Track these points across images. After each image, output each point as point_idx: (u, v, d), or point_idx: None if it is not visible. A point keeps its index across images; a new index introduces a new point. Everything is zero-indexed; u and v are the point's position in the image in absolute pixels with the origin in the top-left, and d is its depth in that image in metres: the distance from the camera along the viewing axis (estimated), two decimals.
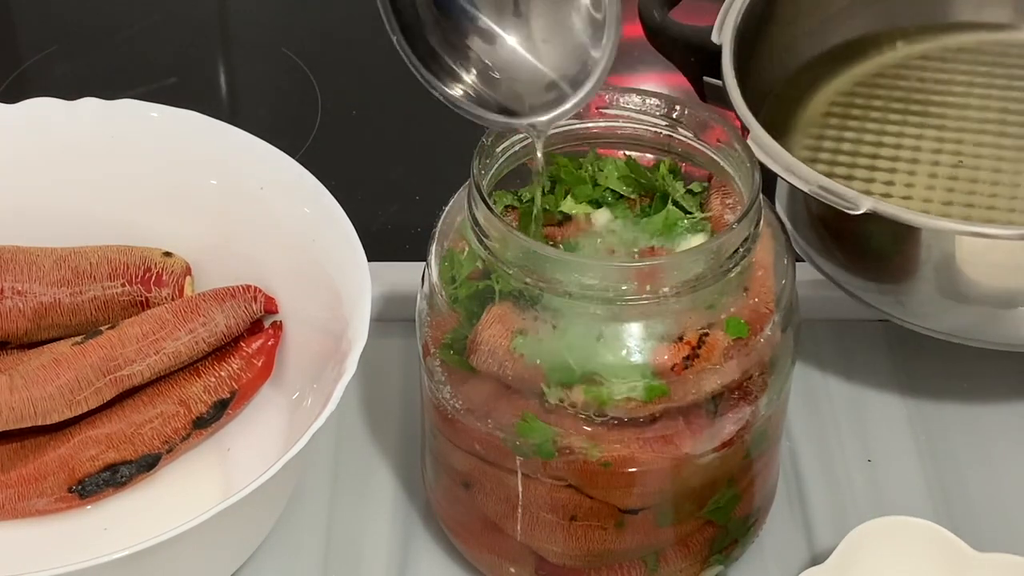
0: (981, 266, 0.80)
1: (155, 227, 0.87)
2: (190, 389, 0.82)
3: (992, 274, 0.80)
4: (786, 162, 0.81)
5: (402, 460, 0.85)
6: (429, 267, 0.75)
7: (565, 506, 0.74)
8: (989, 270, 0.80)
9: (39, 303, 0.84)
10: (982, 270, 0.80)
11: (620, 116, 0.76)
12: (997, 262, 0.80)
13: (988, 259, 0.80)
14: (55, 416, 0.80)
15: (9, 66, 1.12)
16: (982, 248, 0.79)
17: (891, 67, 0.96)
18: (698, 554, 0.77)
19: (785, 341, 0.74)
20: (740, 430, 0.73)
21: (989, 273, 0.80)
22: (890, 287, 0.83)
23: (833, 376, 0.90)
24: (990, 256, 0.79)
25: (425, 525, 0.83)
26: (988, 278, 0.80)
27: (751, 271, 0.72)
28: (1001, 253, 0.79)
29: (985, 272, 0.80)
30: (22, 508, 0.80)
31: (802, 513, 0.83)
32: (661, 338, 0.70)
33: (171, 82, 1.10)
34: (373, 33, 1.15)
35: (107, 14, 1.17)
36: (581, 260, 0.69)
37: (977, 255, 0.79)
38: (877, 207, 0.78)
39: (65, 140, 0.87)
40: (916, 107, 0.93)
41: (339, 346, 0.78)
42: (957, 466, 0.85)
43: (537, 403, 0.71)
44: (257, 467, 0.76)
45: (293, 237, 0.84)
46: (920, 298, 0.82)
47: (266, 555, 0.81)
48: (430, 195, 0.81)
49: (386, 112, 1.08)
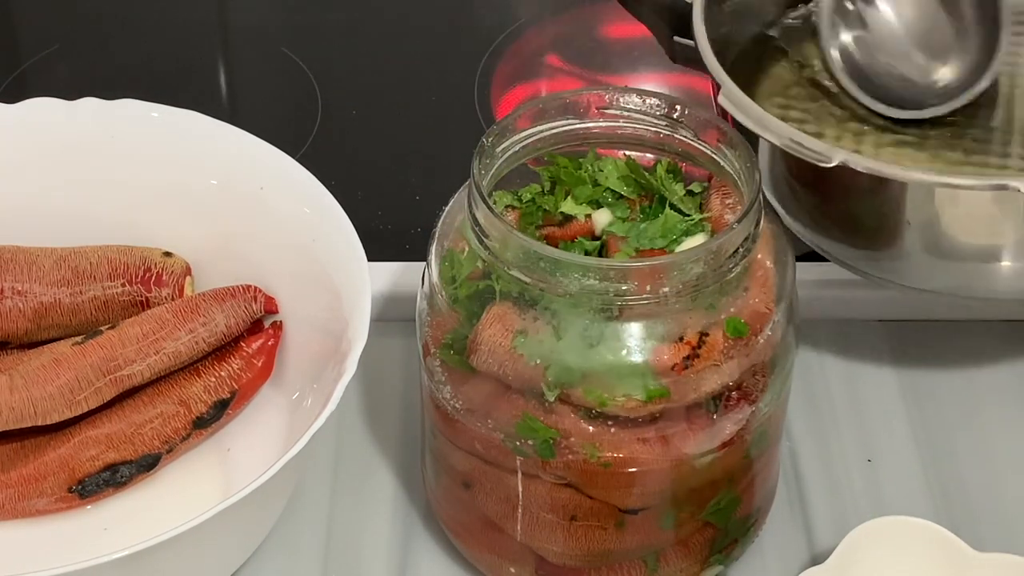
0: (954, 218, 0.80)
1: (155, 227, 0.87)
2: (190, 389, 0.82)
3: (966, 227, 0.80)
4: (758, 116, 0.81)
5: (402, 460, 0.85)
6: (429, 267, 0.75)
7: (565, 506, 0.74)
8: (962, 223, 0.80)
9: (39, 303, 0.84)
10: (956, 223, 0.80)
11: (620, 116, 0.76)
12: (969, 214, 0.80)
13: (961, 211, 0.80)
14: (55, 416, 0.80)
15: (9, 66, 1.12)
16: (955, 199, 0.79)
17: None
18: (698, 554, 0.77)
19: (785, 341, 0.74)
20: (740, 430, 0.73)
21: (963, 226, 0.80)
22: (865, 242, 0.83)
23: (833, 376, 0.90)
24: (963, 208, 0.79)
25: (425, 525, 0.83)
26: (962, 232, 0.80)
27: (751, 271, 0.72)
28: (973, 204, 0.79)
29: (959, 225, 0.80)
30: (22, 508, 0.80)
31: (802, 513, 0.83)
32: (661, 338, 0.70)
33: (171, 82, 1.10)
34: (373, 33, 1.15)
35: (107, 14, 1.17)
36: (581, 260, 0.69)
37: (950, 207, 0.79)
38: (848, 159, 0.78)
39: (65, 140, 0.87)
40: None
41: (339, 346, 0.78)
42: (957, 466, 0.85)
43: (537, 403, 0.71)
44: (257, 467, 0.76)
45: (293, 237, 0.84)
46: (894, 253, 0.82)
47: (266, 555, 0.81)
48: (430, 195, 0.82)
49: (386, 112, 1.08)
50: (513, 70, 1.10)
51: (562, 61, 1.13)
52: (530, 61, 1.12)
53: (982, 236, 0.81)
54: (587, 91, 0.76)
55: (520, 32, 1.13)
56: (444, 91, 1.09)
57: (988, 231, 0.80)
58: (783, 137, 0.80)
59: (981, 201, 0.79)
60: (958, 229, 0.80)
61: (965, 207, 0.79)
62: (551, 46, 1.13)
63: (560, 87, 1.10)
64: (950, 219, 0.80)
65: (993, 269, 0.81)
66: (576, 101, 0.75)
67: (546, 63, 1.13)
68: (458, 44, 1.14)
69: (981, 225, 0.80)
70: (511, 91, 1.09)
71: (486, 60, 1.11)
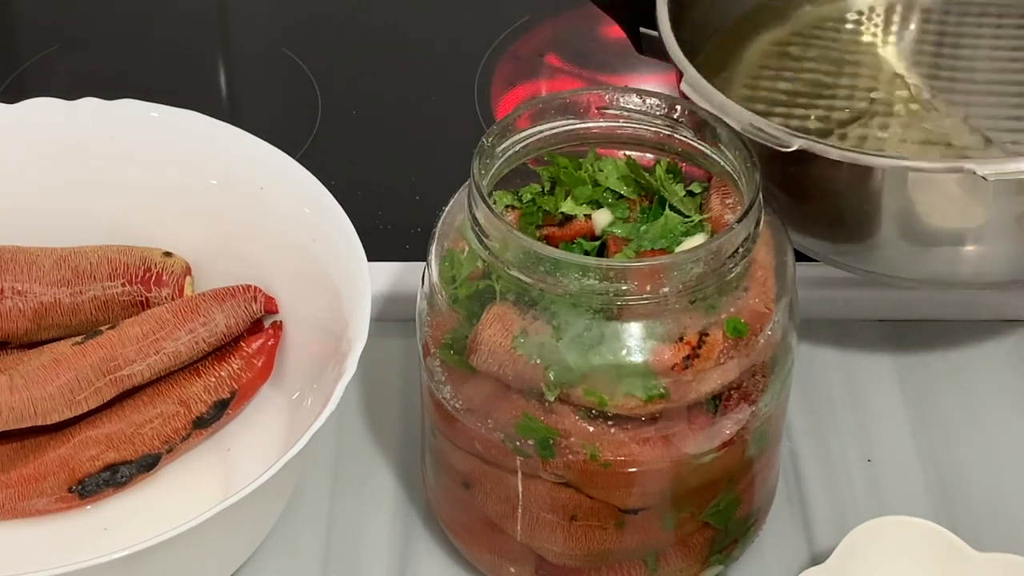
0: (913, 203, 0.80)
1: (155, 227, 0.87)
2: (190, 389, 0.82)
3: (928, 211, 0.80)
4: (719, 102, 0.80)
5: (402, 460, 0.85)
6: (429, 267, 0.75)
7: (565, 506, 0.74)
8: (921, 206, 0.80)
9: (39, 303, 0.84)
10: (915, 207, 0.80)
11: (620, 116, 0.76)
12: (928, 199, 0.80)
13: (919, 195, 0.80)
14: (55, 416, 0.80)
15: (9, 66, 1.12)
16: (913, 183, 0.79)
17: (827, 20, 0.97)
18: (698, 554, 0.77)
19: (785, 341, 0.74)
20: (740, 430, 0.73)
21: (922, 210, 0.80)
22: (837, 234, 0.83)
23: (833, 376, 0.90)
24: (920, 192, 0.79)
25: (425, 525, 0.83)
26: (924, 215, 0.80)
27: (751, 271, 0.72)
28: (931, 188, 0.79)
29: (919, 209, 0.80)
30: (22, 508, 0.80)
31: (802, 513, 0.83)
32: (661, 338, 0.70)
33: (171, 82, 1.10)
34: (373, 33, 1.15)
35: (107, 14, 1.17)
36: (581, 260, 0.69)
37: (907, 190, 0.79)
38: (807, 144, 0.78)
39: (65, 140, 0.87)
40: (851, 56, 0.94)
41: (339, 346, 0.78)
42: (957, 466, 0.85)
43: (537, 403, 0.71)
44: (257, 467, 0.76)
45: (293, 237, 0.84)
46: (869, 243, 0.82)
47: (266, 555, 0.81)
48: (430, 195, 0.82)
49: (386, 112, 1.08)
50: (513, 70, 1.10)
51: (562, 61, 1.13)
52: (530, 61, 1.12)
53: (951, 220, 0.81)
54: (587, 91, 0.76)
55: (520, 32, 1.13)
56: (444, 91, 1.09)
57: (956, 214, 0.80)
58: (743, 122, 0.79)
59: (946, 184, 0.79)
60: (927, 214, 0.80)
61: (930, 191, 0.79)
62: (551, 46, 1.13)
63: (560, 87, 1.10)
64: (919, 204, 0.80)
65: (967, 253, 0.81)
66: (576, 101, 0.75)
67: (546, 63, 1.13)
68: (458, 44, 1.14)
69: (949, 208, 0.80)
70: (511, 91, 1.09)
71: (486, 60, 1.11)
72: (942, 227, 0.81)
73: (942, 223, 0.81)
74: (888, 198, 0.80)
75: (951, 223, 0.81)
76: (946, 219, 0.81)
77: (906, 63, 0.94)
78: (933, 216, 0.81)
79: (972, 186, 0.78)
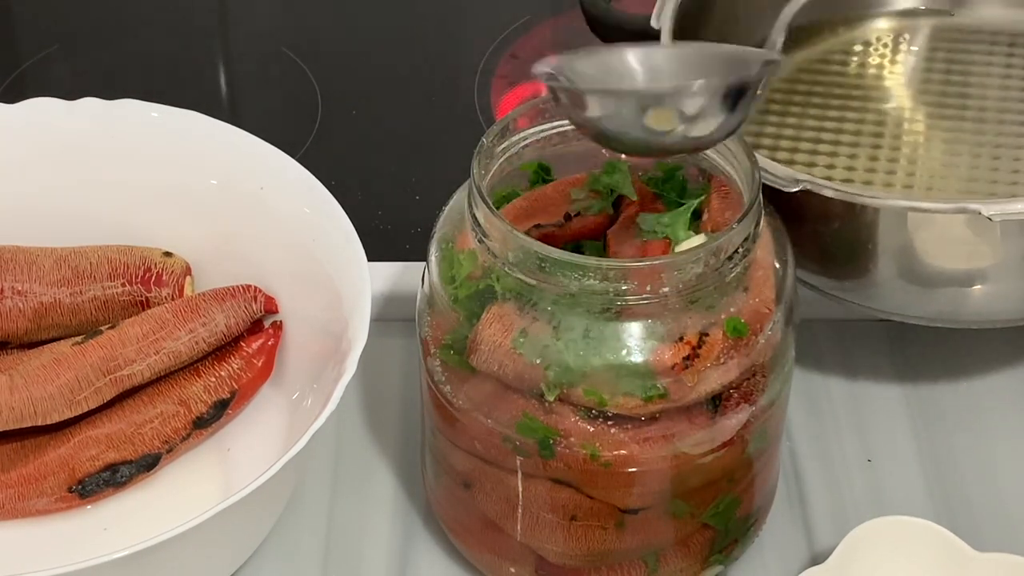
0: (920, 242, 0.80)
1: (155, 227, 0.87)
2: (190, 389, 0.82)
3: (933, 251, 0.80)
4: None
5: (402, 460, 0.85)
6: (429, 267, 0.75)
7: (565, 506, 0.74)
8: (927, 246, 0.80)
9: (39, 303, 0.84)
10: (921, 246, 0.80)
11: None
12: (935, 237, 0.79)
13: (926, 235, 0.79)
14: (55, 416, 0.80)
15: (9, 66, 1.12)
16: (918, 223, 0.79)
17: (833, 53, 0.96)
18: (698, 554, 0.77)
19: (785, 341, 0.74)
20: (740, 430, 0.73)
21: (929, 249, 0.80)
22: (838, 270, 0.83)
23: (833, 376, 0.90)
24: (927, 231, 0.79)
25: (425, 525, 0.83)
26: (929, 255, 0.80)
27: (751, 271, 0.72)
28: (936, 228, 0.79)
29: (925, 248, 0.80)
30: (22, 508, 0.80)
31: (802, 513, 0.83)
32: (661, 338, 0.70)
33: (171, 82, 1.10)
34: (373, 33, 1.15)
35: (107, 14, 1.17)
36: (581, 260, 0.69)
37: (912, 231, 0.79)
38: (810, 185, 0.78)
39: (65, 140, 0.87)
40: (857, 91, 0.94)
41: (339, 346, 0.78)
42: (957, 466, 0.85)
43: (537, 403, 0.71)
44: (257, 467, 0.76)
45: (293, 237, 0.84)
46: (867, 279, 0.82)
47: (266, 555, 0.81)
48: (430, 195, 0.81)
49: (386, 112, 1.08)
50: (513, 70, 1.10)
51: None
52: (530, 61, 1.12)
53: (957, 260, 0.80)
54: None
55: (520, 32, 1.13)
56: (444, 91, 1.09)
57: (962, 254, 0.80)
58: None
59: (952, 224, 0.78)
60: (933, 254, 0.80)
61: (936, 231, 0.79)
62: (551, 46, 1.13)
63: None
64: (924, 244, 0.80)
65: (973, 293, 0.81)
66: None
67: None
68: (458, 44, 1.14)
69: (955, 249, 0.80)
70: (511, 91, 1.09)
71: (486, 60, 1.11)
72: (948, 267, 0.81)
73: (948, 263, 0.80)
74: (893, 238, 0.79)
75: (957, 263, 0.80)
76: (952, 259, 0.80)
77: (914, 95, 0.93)
78: (939, 256, 0.80)
79: (978, 226, 0.78)
